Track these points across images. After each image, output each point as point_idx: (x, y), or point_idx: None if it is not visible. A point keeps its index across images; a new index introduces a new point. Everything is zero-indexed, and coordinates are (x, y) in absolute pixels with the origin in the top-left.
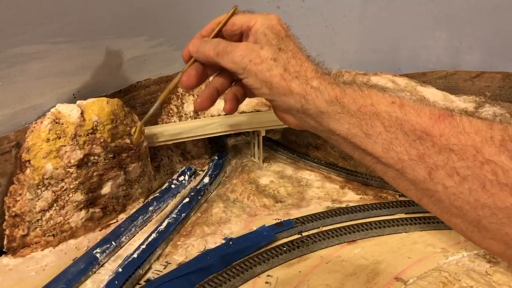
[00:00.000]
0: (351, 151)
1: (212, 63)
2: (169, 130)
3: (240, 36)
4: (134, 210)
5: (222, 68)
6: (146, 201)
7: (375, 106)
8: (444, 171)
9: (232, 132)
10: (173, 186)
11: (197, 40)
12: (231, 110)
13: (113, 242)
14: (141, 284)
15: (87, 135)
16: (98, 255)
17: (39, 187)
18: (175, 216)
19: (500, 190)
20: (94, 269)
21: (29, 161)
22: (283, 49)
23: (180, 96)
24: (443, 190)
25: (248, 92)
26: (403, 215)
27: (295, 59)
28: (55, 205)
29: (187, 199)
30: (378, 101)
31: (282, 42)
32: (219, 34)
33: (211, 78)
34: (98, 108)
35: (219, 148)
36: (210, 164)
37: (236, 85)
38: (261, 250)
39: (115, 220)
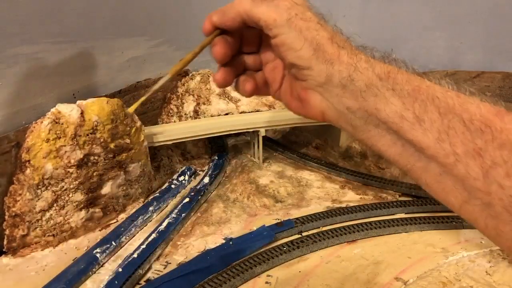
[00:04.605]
0: (388, 145)
1: (240, 21)
2: (169, 130)
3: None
4: (134, 210)
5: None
6: (146, 201)
7: (430, 89)
8: (503, 170)
9: (232, 132)
10: (173, 186)
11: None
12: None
13: (113, 242)
14: (141, 284)
15: (87, 135)
16: (98, 255)
17: (39, 187)
18: (175, 216)
19: None
20: (94, 269)
21: (29, 161)
22: (320, 23)
23: (180, 96)
24: (497, 191)
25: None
26: (403, 215)
27: (339, 33)
28: (55, 205)
29: (187, 199)
30: (433, 85)
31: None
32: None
33: None
34: (98, 108)
35: (219, 148)
36: (210, 164)
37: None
38: (261, 250)
39: (115, 220)
